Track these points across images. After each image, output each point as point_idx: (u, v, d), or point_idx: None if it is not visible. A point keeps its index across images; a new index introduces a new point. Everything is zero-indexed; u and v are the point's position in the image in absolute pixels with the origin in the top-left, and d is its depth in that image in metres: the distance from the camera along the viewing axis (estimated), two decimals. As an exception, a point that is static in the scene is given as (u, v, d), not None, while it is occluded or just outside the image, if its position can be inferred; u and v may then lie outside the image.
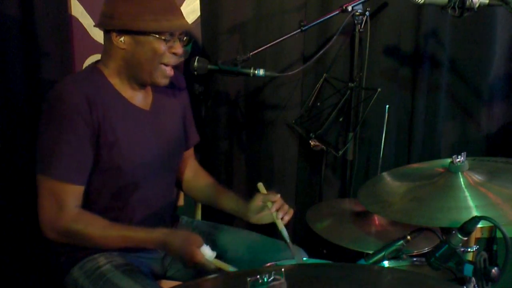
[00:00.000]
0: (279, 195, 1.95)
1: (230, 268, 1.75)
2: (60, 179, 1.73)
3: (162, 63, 1.82)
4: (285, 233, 1.87)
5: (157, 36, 1.77)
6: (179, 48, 1.83)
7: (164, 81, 1.86)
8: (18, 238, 2.43)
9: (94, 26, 1.87)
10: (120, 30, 1.77)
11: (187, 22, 1.88)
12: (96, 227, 1.77)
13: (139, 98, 1.90)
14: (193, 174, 2.19)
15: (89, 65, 1.90)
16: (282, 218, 1.91)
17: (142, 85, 1.89)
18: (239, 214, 2.05)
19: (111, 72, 1.84)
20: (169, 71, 1.85)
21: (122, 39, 1.78)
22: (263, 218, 1.97)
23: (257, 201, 1.97)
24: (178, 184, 2.16)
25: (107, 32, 1.82)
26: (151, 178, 1.91)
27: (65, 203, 1.73)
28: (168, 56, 1.82)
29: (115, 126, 1.79)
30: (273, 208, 1.92)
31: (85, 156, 1.76)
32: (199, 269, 1.77)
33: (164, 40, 1.79)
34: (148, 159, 1.88)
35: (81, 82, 1.78)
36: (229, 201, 2.08)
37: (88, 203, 1.81)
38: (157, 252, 1.98)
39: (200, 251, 1.74)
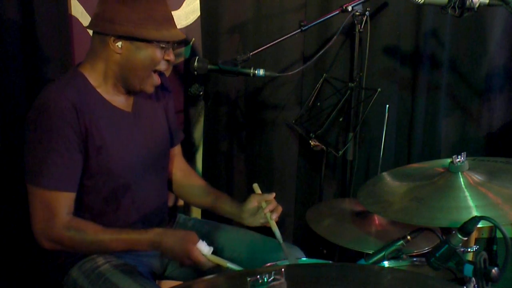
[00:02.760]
0: (273, 195, 1.97)
1: (228, 264, 1.76)
2: (51, 188, 1.72)
3: (155, 70, 1.85)
4: (278, 234, 1.89)
5: (156, 44, 1.80)
6: (172, 55, 1.86)
7: (151, 90, 1.89)
8: (17, 238, 2.43)
9: (86, 27, 1.86)
10: (120, 35, 1.77)
11: (182, 33, 1.90)
12: (89, 233, 1.77)
13: (121, 101, 1.90)
14: (183, 174, 2.18)
15: (71, 69, 1.89)
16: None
17: (127, 91, 1.89)
18: (233, 216, 2.05)
19: (97, 75, 1.84)
20: (157, 79, 1.88)
21: (119, 44, 1.78)
22: (257, 219, 1.99)
23: (253, 202, 1.98)
24: (168, 185, 2.15)
25: (99, 35, 1.81)
26: (141, 179, 1.91)
27: (57, 212, 1.73)
28: (162, 63, 1.84)
29: (101, 130, 1.79)
30: (267, 209, 1.95)
31: (74, 163, 1.75)
32: (196, 268, 1.77)
33: (162, 48, 1.81)
34: (136, 160, 1.89)
35: (66, 88, 1.76)
36: (222, 203, 2.08)
37: (81, 209, 1.82)
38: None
39: (196, 249, 1.74)
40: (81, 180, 1.79)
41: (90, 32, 1.84)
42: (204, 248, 1.75)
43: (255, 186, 2.03)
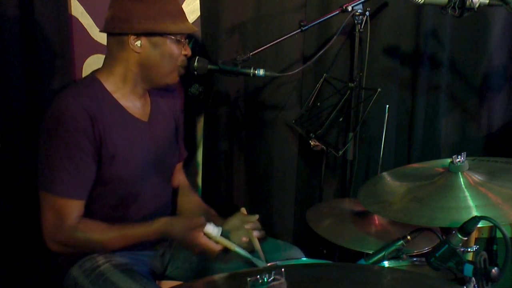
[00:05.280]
0: (257, 216, 1.92)
1: (236, 248, 1.77)
2: (63, 196, 1.74)
3: (178, 66, 1.88)
4: (261, 253, 1.84)
5: (174, 38, 1.82)
6: (188, 50, 1.89)
7: (176, 80, 1.92)
8: (17, 238, 2.43)
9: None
10: (138, 33, 1.78)
11: (193, 25, 1.94)
12: (96, 231, 1.79)
13: (138, 108, 1.91)
14: (181, 190, 2.18)
15: (89, 75, 1.90)
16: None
17: (148, 88, 1.91)
18: None
19: (115, 78, 1.84)
20: (182, 70, 1.92)
21: (138, 42, 1.80)
22: (237, 236, 1.89)
23: (236, 217, 1.93)
24: None
25: (116, 37, 1.82)
26: (149, 188, 1.92)
27: (66, 217, 1.75)
28: (181, 58, 1.88)
29: (115, 139, 1.80)
30: (249, 226, 1.88)
31: (87, 172, 1.77)
32: (205, 254, 1.78)
33: (179, 41, 1.84)
34: (145, 169, 1.90)
35: (82, 96, 1.77)
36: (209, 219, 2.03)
37: (88, 214, 1.82)
38: (156, 250, 2.00)
39: (203, 234, 1.75)
40: (91, 186, 1.80)
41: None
42: (212, 230, 1.76)
43: (243, 209, 1.99)
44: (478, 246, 1.58)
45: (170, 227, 1.79)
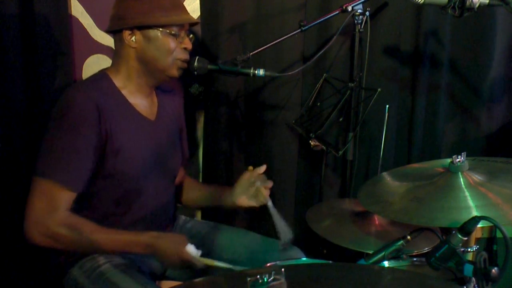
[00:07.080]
0: (264, 167, 2.01)
1: (216, 263, 1.78)
2: (60, 182, 1.72)
3: (176, 59, 1.88)
4: (270, 203, 1.92)
5: (166, 30, 1.83)
6: (188, 43, 1.89)
7: (178, 73, 1.91)
8: (17, 238, 2.43)
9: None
10: (131, 28, 1.81)
11: (193, 17, 1.94)
12: (84, 232, 1.75)
13: (145, 107, 1.92)
14: (182, 183, 2.20)
15: (99, 71, 1.92)
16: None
17: (154, 84, 1.92)
18: (226, 198, 2.05)
19: (121, 75, 1.87)
20: (182, 63, 1.91)
21: (133, 38, 1.82)
22: (248, 194, 1.99)
23: (245, 174, 2.01)
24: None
25: (116, 35, 1.86)
26: (153, 186, 1.93)
27: (57, 206, 1.72)
28: (179, 51, 1.87)
29: (121, 134, 1.81)
30: (258, 183, 1.98)
31: (88, 163, 1.76)
32: (188, 269, 1.79)
33: (173, 34, 1.84)
34: (149, 167, 1.91)
35: (91, 89, 1.80)
36: (214, 191, 2.10)
37: (89, 209, 1.83)
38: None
39: (186, 251, 1.75)
40: (94, 180, 1.79)
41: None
42: (192, 251, 1.78)
43: (250, 168, 2.05)
44: (478, 246, 1.58)
45: (158, 241, 1.77)
